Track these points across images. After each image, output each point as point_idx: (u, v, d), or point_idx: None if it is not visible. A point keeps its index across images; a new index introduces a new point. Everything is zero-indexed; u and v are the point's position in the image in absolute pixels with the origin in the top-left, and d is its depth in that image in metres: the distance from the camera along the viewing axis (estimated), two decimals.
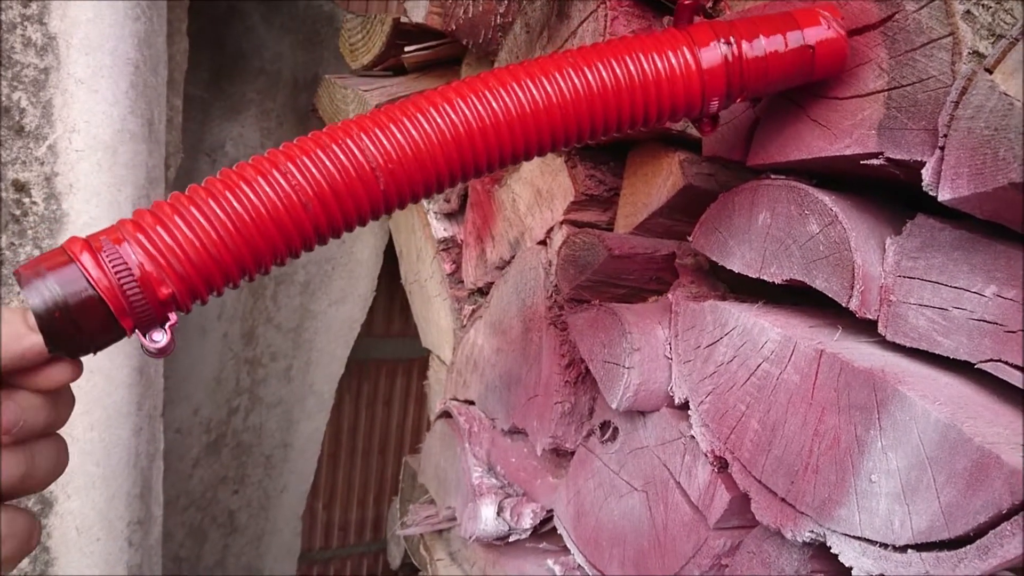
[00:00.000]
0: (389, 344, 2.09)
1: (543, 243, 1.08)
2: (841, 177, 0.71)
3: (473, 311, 1.29)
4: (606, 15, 0.87)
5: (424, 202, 1.41)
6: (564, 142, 0.59)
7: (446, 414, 1.26)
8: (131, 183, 0.99)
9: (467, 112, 0.54)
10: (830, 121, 0.65)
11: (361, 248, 1.71)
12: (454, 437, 1.21)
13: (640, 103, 0.59)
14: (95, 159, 0.97)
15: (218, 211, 0.46)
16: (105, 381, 0.96)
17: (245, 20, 1.57)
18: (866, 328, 0.67)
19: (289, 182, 0.48)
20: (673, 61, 0.59)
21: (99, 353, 0.46)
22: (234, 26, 1.56)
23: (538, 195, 1.08)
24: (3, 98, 0.96)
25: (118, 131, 0.98)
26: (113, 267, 0.43)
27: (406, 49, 1.28)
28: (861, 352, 0.64)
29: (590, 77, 0.57)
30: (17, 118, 0.96)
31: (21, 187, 0.96)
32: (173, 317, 0.47)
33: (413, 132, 0.52)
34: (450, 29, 1.06)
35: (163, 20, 1.06)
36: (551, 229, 1.05)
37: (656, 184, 0.94)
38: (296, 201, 0.48)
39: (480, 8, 1.06)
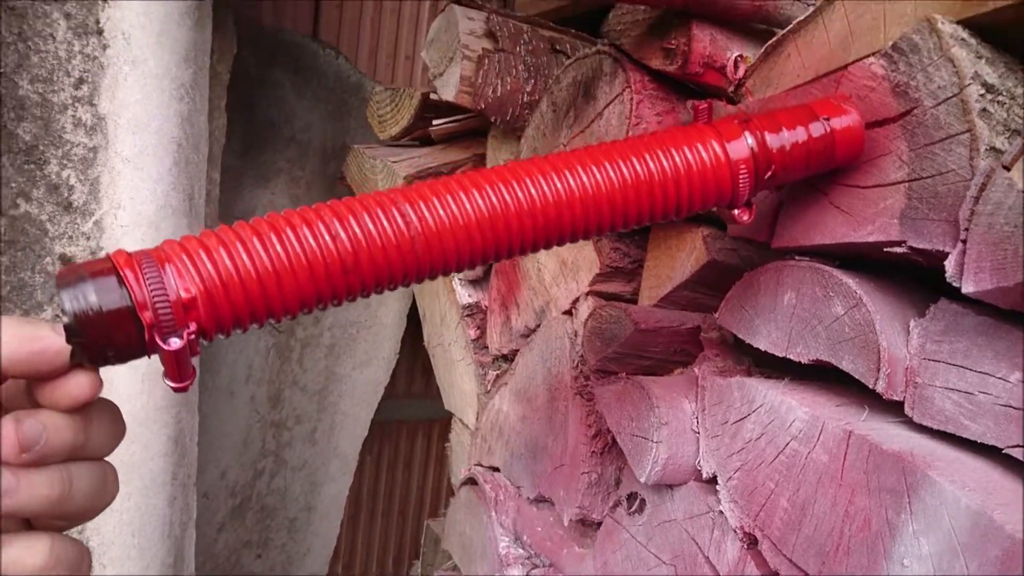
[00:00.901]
0: (410, 405, 2.10)
1: (568, 313, 1.10)
2: (864, 258, 0.73)
3: (497, 377, 1.31)
4: (631, 98, 0.91)
5: None
6: (599, 230, 0.62)
7: (471, 481, 1.27)
8: None
9: (507, 195, 0.56)
10: (853, 208, 0.67)
11: (385, 312, 1.74)
12: (480, 505, 1.22)
13: (673, 195, 0.61)
14: (139, 234, 1.01)
15: (260, 251, 0.48)
16: (142, 450, 0.98)
17: (277, 90, 1.63)
18: (892, 408, 0.68)
19: (332, 236, 0.50)
20: (704, 154, 0.62)
21: (136, 423, 0.47)
22: (266, 96, 1.62)
23: (563, 266, 1.10)
24: (53, 176, 1.00)
25: (161, 207, 1.02)
26: (150, 285, 0.44)
27: (434, 122, 1.32)
28: (889, 434, 0.66)
29: (626, 170, 0.60)
30: (66, 195, 1.01)
31: (67, 261, 1.00)
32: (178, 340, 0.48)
33: (454, 207, 0.54)
34: (479, 107, 1.11)
35: (205, 99, 1.11)
36: (576, 300, 1.08)
37: (680, 258, 0.96)
38: (335, 256, 0.50)
39: (508, 87, 1.10)
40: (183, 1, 1.05)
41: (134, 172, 1.02)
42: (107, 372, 0.46)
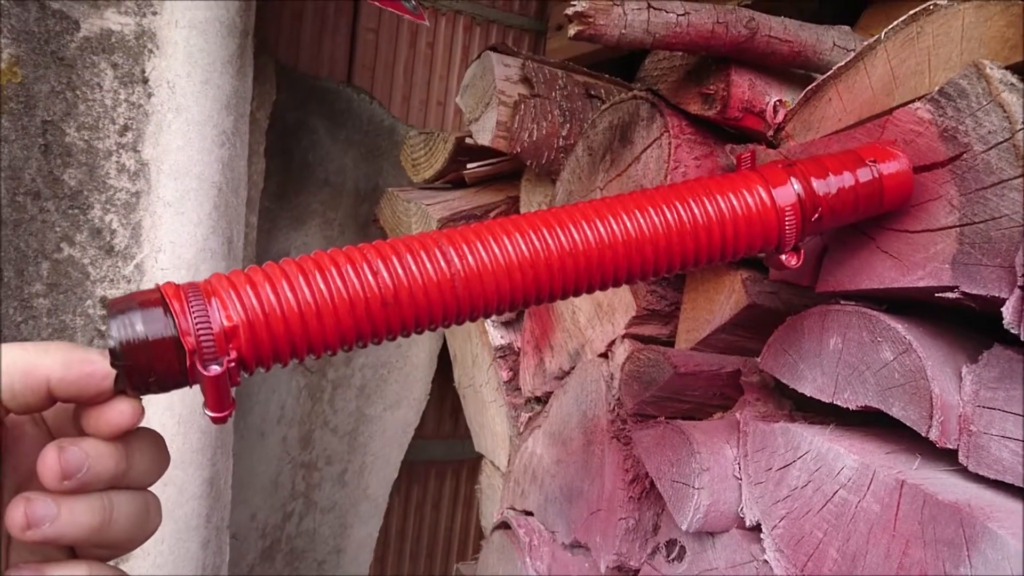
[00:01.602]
0: (439, 446, 2.09)
1: (604, 356, 1.09)
2: (911, 303, 0.72)
3: (530, 419, 1.30)
4: (669, 143, 0.91)
5: None
6: (642, 275, 0.62)
7: (504, 525, 1.25)
8: None
9: (549, 239, 0.57)
10: (901, 253, 0.67)
11: (417, 352, 1.74)
12: (513, 550, 1.20)
13: (718, 240, 0.61)
14: (178, 277, 1.02)
15: (303, 285, 0.49)
16: (177, 493, 0.98)
17: (311, 134, 1.65)
18: (945, 456, 0.67)
19: (374, 273, 0.51)
20: (749, 199, 0.62)
21: (171, 465, 0.48)
22: (301, 139, 1.64)
23: (599, 308, 1.10)
24: (96, 220, 1.02)
25: (200, 250, 1.03)
26: (194, 313, 0.45)
27: (468, 165, 1.34)
28: (943, 483, 0.64)
29: (669, 215, 0.60)
30: (108, 238, 1.02)
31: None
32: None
33: (496, 249, 0.55)
34: (515, 151, 1.11)
35: (245, 145, 1.13)
36: (612, 342, 1.07)
37: (719, 301, 0.95)
38: (378, 296, 0.51)
39: (543, 132, 1.11)
40: (226, 47, 1.07)
41: (175, 216, 1.04)
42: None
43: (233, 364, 0.46)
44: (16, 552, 0.45)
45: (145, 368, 0.44)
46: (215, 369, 0.45)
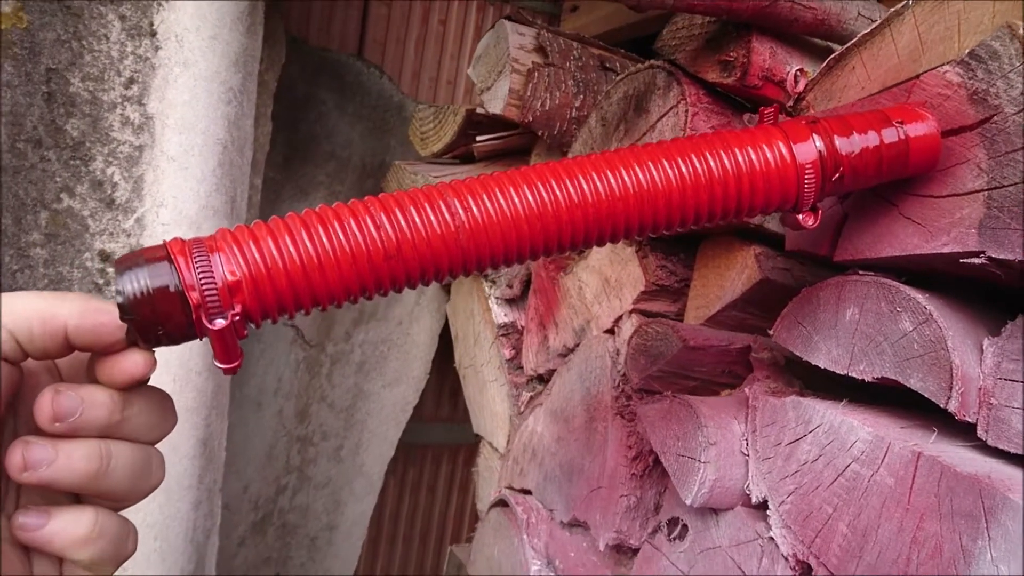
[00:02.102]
0: (437, 429, 2.07)
1: (610, 332, 1.07)
2: (931, 276, 0.70)
3: (532, 398, 1.28)
4: (686, 111, 0.89)
5: (485, 287, 1.42)
6: (653, 228, 0.60)
7: (502, 503, 1.23)
8: None
9: (557, 190, 0.56)
10: (926, 219, 0.65)
11: (418, 330, 1.72)
12: (510, 527, 1.18)
13: (734, 193, 0.59)
14: (180, 232, 1.00)
15: (305, 239, 0.49)
16: (170, 451, 0.96)
17: (319, 106, 1.63)
18: (963, 430, 0.65)
19: (376, 226, 0.51)
20: (768, 154, 0.60)
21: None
22: (309, 111, 1.62)
23: (606, 283, 1.08)
24: (98, 172, 1.00)
25: (203, 207, 1.01)
26: (199, 269, 0.46)
27: (478, 139, 1.32)
28: (961, 456, 0.62)
29: (684, 166, 0.58)
30: (109, 191, 1.00)
31: (107, 257, 0.99)
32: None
33: (501, 201, 0.54)
34: (526, 121, 1.09)
35: (252, 104, 1.11)
36: (619, 318, 1.05)
37: (730, 277, 0.93)
38: (380, 248, 0.50)
39: (556, 102, 1.09)
40: (236, 4, 1.05)
41: (178, 171, 1.02)
42: None
43: (238, 318, 0.47)
44: (26, 496, 0.46)
45: (153, 322, 0.45)
46: (220, 323, 0.46)
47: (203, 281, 0.46)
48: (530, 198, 0.55)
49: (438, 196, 0.53)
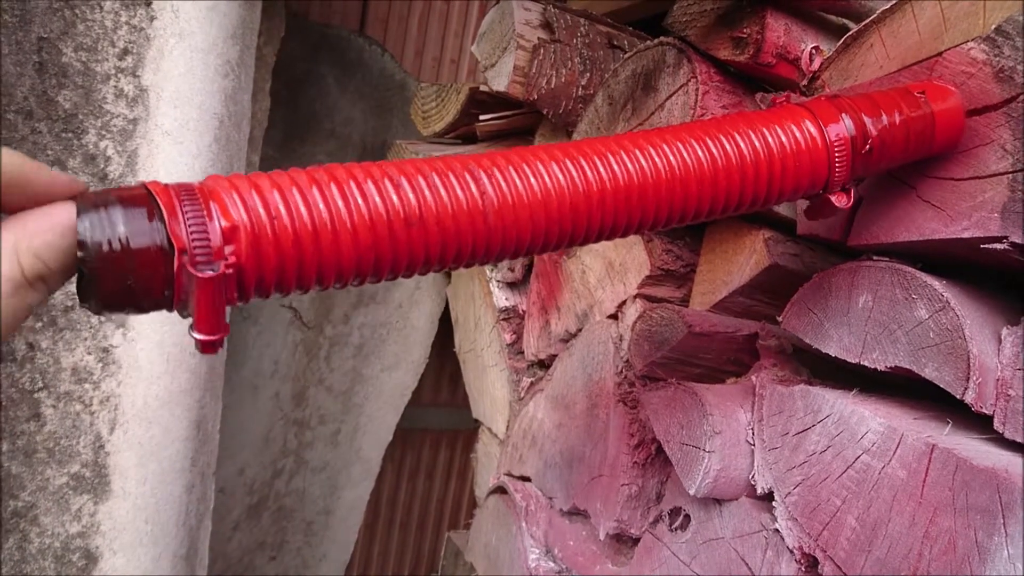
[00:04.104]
0: (435, 414, 2.05)
1: (613, 317, 1.05)
2: (947, 263, 0.67)
3: (532, 384, 1.26)
4: (697, 89, 0.86)
5: (487, 270, 1.39)
6: (681, 218, 0.56)
7: (500, 490, 1.21)
8: None
9: (589, 173, 0.50)
10: (945, 202, 0.62)
11: (418, 315, 1.70)
12: (509, 515, 1.16)
13: (765, 178, 0.56)
14: None
15: (318, 198, 0.42)
16: (162, 433, 0.94)
17: (320, 83, 1.60)
18: (978, 423, 0.63)
19: (397, 189, 0.44)
20: (798, 134, 0.57)
21: (158, 404, 0.41)
22: (309, 88, 1.59)
23: (610, 268, 1.05)
24: (90, 146, 0.97)
25: None
26: (188, 215, 0.38)
27: (481, 118, 1.29)
28: (977, 449, 0.60)
29: (715, 149, 0.55)
30: (102, 166, 0.98)
31: None
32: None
33: (533, 181, 0.48)
34: (531, 98, 1.07)
35: (250, 78, 1.08)
36: (623, 303, 1.03)
37: (738, 262, 0.91)
38: (401, 213, 0.44)
39: (562, 79, 1.06)
40: None
41: (173, 145, 0.99)
42: (131, 352, 0.39)
43: (231, 269, 0.39)
44: None
45: (121, 274, 0.37)
46: (208, 272, 0.38)
47: (192, 223, 0.38)
48: (560, 177, 0.49)
49: (463, 166, 0.47)
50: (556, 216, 0.49)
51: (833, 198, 0.59)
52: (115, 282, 0.37)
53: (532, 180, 0.48)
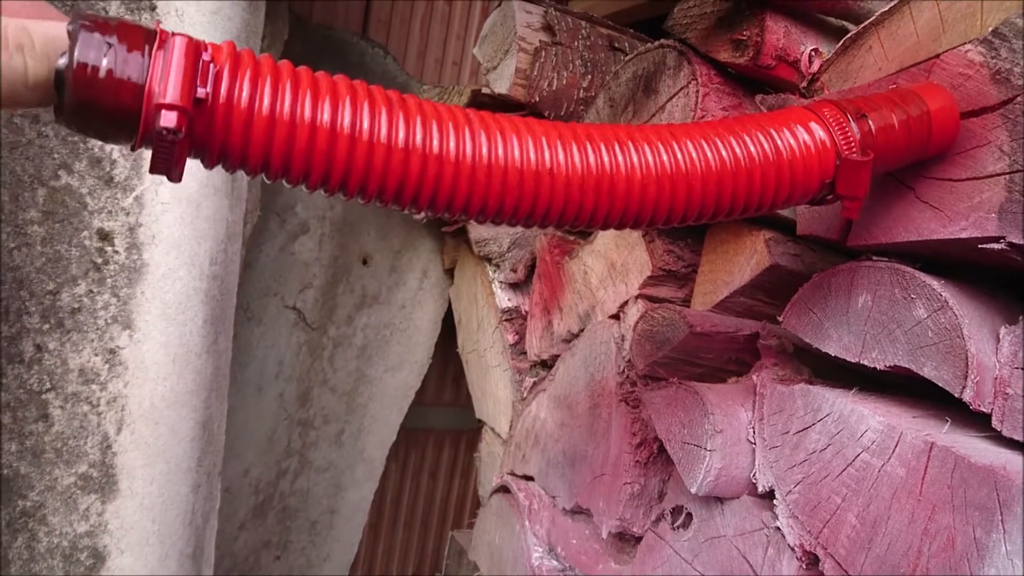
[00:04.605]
0: (439, 414, 2.06)
1: (615, 317, 1.06)
2: (946, 263, 0.68)
3: (535, 384, 1.26)
4: (697, 91, 0.87)
5: (489, 271, 1.40)
6: (684, 217, 0.56)
7: (504, 489, 1.22)
8: (211, 237, 1.00)
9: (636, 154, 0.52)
10: (943, 203, 0.63)
11: (421, 315, 1.70)
12: (512, 514, 1.17)
13: (773, 182, 0.57)
14: (179, 211, 0.98)
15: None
16: (169, 433, 0.95)
17: None
18: (976, 422, 0.63)
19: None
20: (807, 137, 0.58)
21: (164, 404, 0.43)
22: None
23: (612, 269, 1.06)
24: (96, 149, 0.98)
25: (203, 185, 0.99)
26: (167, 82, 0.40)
27: None
28: (975, 447, 0.60)
29: (725, 152, 0.55)
30: (108, 169, 0.98)
31: (105, 236, 0.97)
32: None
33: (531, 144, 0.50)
34: (533, 101, 1.07)
35: None
36: (625, 303, 1.03)
37: (739, 262, 0.92)
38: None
39: (564, 82, 1.07)
40: None
41: None
42: (137, 353, 0.41)
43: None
44: None
45: (95, 93, 0.39)
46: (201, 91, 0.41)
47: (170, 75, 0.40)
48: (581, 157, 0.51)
49: (464, 120, 0.49)
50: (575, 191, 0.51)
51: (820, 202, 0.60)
52: (88, 99, 0.40)
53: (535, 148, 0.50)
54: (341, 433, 1.70)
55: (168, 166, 0.42)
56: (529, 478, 1.21)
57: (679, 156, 0.53)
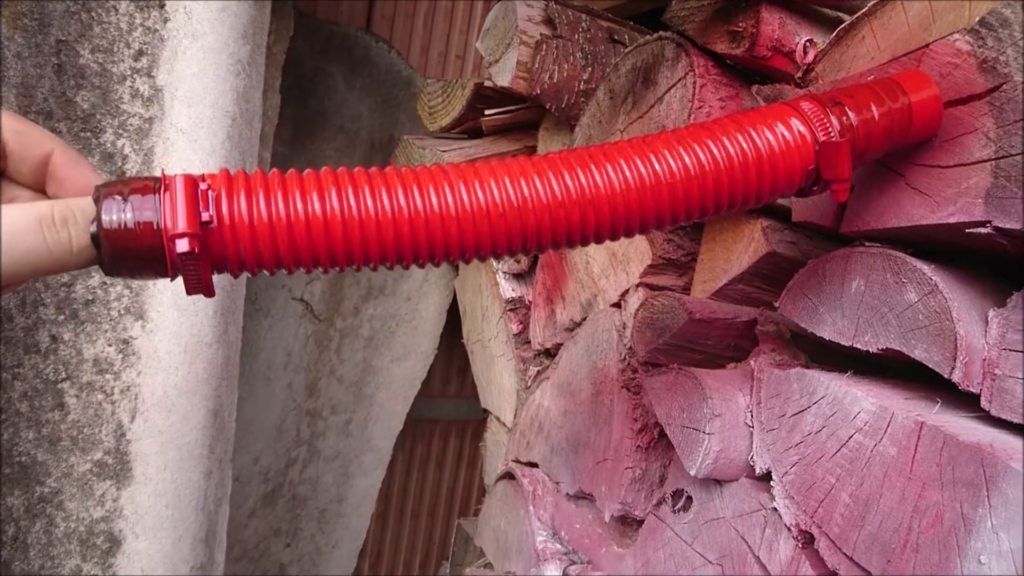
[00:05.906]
0: (445, 405, 2.08)
1: (617, 305, 1.07)
2: (936, 248, 0.69)
3: (539, 372, 1.29)
4: (695, 82, 0.88)
5: (494, 262, 1.42)
6: (673, 220, 0.58)
7: (509, 475, 1.24)
8: None
9: (583, 179, 0.54)
10: (932, 189, 0.64)
11: (426, 306, 1.73)
12: (517, 499, 1.19)
13: (755, 178, 0.58)
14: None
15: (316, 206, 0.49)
16: (181, 421, 0.97)
17: (328, 81, 1.63)
18: (966, 402, 0.65)
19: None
20: (787, 134, 0.59)
21: (177, 393, 0.49)
22: (318, 86, 1.62)
23: (613, 258, 1.08)
24: (108, 144, 1.01)
25: None
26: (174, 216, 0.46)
27: (486, 112, 1.31)
28: (964, 426, 0.62)
29: (717, 151, 0.57)
30: (119, 164, 1.01)
31: None
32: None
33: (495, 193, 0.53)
34: (534, 93, 1.09)
35: (261, 76, 1.11)
36: (626, 292, 1.05)
37: (737, 250, 0.93)
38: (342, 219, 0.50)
39: (565, 74, 1.09)
40: None
41: (188, 143, 1.02)
42: (150, 343, 0.46)
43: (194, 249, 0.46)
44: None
45: (125, 244, 0.46)
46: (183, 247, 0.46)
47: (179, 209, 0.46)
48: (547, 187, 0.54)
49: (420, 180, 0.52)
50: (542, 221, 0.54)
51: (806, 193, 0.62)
52: (122, 249, 0.46)
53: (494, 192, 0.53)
54: (349, 423, 1.73)
55: (199, 285, 0.49)
56: (533, 465, 1.23)
57: (657, 167, 0.56)
